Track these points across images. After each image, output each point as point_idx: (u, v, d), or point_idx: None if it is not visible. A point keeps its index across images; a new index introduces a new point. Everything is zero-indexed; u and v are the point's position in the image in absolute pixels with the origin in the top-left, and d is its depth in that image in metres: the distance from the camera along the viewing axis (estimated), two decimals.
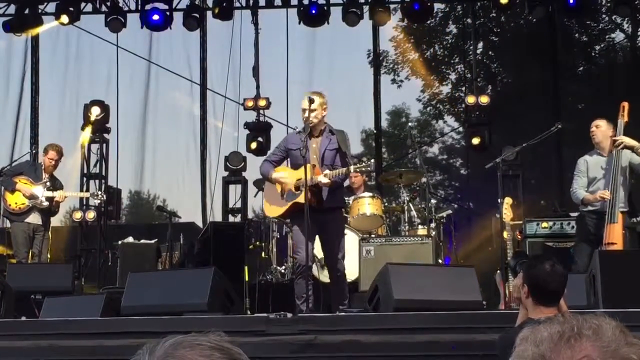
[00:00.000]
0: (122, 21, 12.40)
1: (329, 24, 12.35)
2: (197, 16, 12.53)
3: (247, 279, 8.32)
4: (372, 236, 8.35)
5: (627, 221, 7.06)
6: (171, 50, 13.87)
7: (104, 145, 11.81)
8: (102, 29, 12.51)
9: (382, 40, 14.32)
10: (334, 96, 13.43)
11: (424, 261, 7.50)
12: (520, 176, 10.87)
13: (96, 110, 11.52)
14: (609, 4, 14.38)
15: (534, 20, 13.84)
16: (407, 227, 8.63)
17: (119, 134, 12.53)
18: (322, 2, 12.33)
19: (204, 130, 13.55)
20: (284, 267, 8.99)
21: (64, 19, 12.21)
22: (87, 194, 10.59)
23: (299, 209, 6.11)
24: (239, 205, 11.75)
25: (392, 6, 12.72)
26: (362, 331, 5.01)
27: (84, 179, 11.66)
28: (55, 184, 8.89)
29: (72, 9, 12.31)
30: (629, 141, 6.92)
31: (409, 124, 18.56)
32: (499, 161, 8.17)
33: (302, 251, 6.18)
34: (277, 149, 6.81)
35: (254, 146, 11.99)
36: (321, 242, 6.53)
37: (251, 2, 12.79)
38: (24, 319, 6.26)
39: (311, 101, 6.29)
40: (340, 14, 12.23)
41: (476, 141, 11.89)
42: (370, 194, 8.55)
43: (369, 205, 8.32)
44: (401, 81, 19.15)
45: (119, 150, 12.57)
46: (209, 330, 1.20)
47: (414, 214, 8.70)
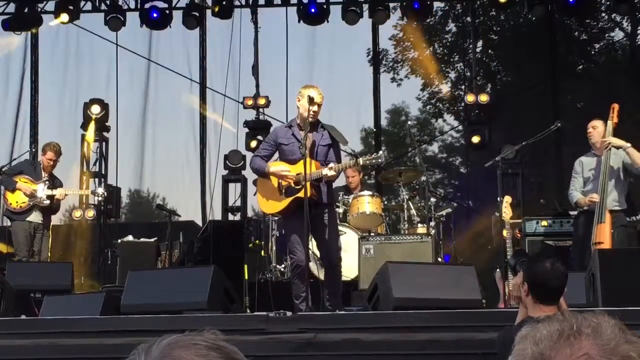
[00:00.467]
0: (122, 20, 12.42)
1: (328, 22, 12.35)
2: (197, 15, 12.53)
3: (246, 278, 8.32)
4: (372, 235, 8.35)
5: (623, 219, 7.12)
6: (171, 48, 13.85)
7: (104, 143, 11.82)
8: (102, 27, 12.53)
9: (381, 38, 14.34)
10: (333, 94, 13.43)
11: (423, 260, 7.48)
12: (519, 175, 10.87)
13: (96, 108, 11.53)
14: (608, 3, 14.37)
15: (533, 18, 13.84)
16: (406, 226, 8.62)
17: (118, 133, 12.54)
18: (321, 0, 12.32)
19: (203, 128, 13.56)
20: (283, 266, 8.98)
21: (64, 18, 12.21)
22: (87, 192, 10.60)
23: (300, 204, 5.99)
24: (238, 203, 11.74)
25: (391, 5, 12.72)
26: (361, 329, 5.01)
27: (84, 178, 11.66)
28: (55, 183, 8.89)
29: (71, 7, 12.32)
30: (616, 141, 7.07)
31: (409, 123, 18.55)
32: (499, 160, 8.20)
33: (298, 251, 6.16)
34: (266, 143, 6.63)
35: (253, 144, 11.96)
36: (318, 238, 6.38)
37: (251, 0, 12.79)
38: (23, 317, 6.27)
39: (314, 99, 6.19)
40: (339, 12, 12.23)
41: (476, 140, 11.89)
42: (369, 193, 8.54)
43: (369, 203, 8.32)
44: (401, 80, 19.15)
45: (119, 148, 12.58)
46: (204, 329, 1.18)
47: (413, 212, 8.69)
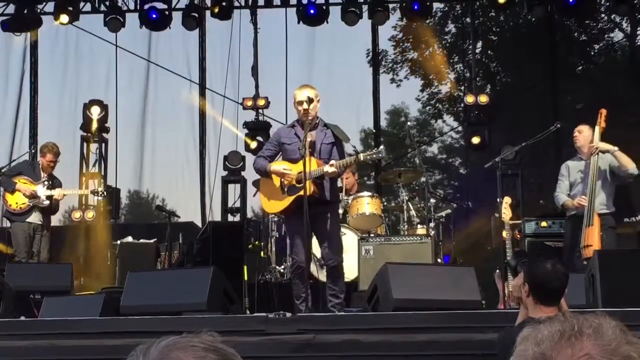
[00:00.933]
0: (121, 21, 12.42)
1: (328, 23, 12.36)
2: (196, 15, 12.52)
3: (246, 279, 8.32)
4: (371, 236, 8.34)
5: (611, 221, 7.15)
6: (170, 49, 13.85)
7: (103, 144, 11.81)
8: (101, 28, 12.52)
9: (381, 39, 14.35)
10: (333, 95, 13.48)
11: (423, 260, 7.48)
12: (519, 175, 10.88)
13: (95, 109, 11.53)
14: (608, 3, 14.39)
15: (533, 19, 13.85)
16: (406, 227, 8.62)
17: (117, 134, 12.55)
18: (321, 1, 12.32)
19: (203, 129, 13.56)
20: (283, 267, 8.97)
21: (63, 19, 12.21)
22: (87, 192, 10.60)
23: (302, 204, 5.93)
24: (238, 204, 11.73)
25: (391, 5, 12.73)
26: (361, 331, 5.00)
27: (83, 179, 11.67)
28: (54, 183, 8.88)
29: (71, 9, 12.32)
30: (604, 146, 7.15)
31: (408, 123, 18.52)
32: (498, 160, 8.19)
33: (300, 252, 6.15)
34: (269, 144, 6.67)
35: (253, 146, 11.98)
36: (320, 237, 6.36)
37: (250, 1, 12.79)
38: (23, 318, 6.27)
39: (310, 97, 6.22)
40: (339, 13, 12.24)
41: (475, 140, 11.89)
42: (369, 194, 8.53)
43: (368, 204, 8.31)
44: (400, 80, 19.15)
45: (118, 149, 12.59)
46: (201, 330, 1.18)
47: (413, 213, 8.68)
